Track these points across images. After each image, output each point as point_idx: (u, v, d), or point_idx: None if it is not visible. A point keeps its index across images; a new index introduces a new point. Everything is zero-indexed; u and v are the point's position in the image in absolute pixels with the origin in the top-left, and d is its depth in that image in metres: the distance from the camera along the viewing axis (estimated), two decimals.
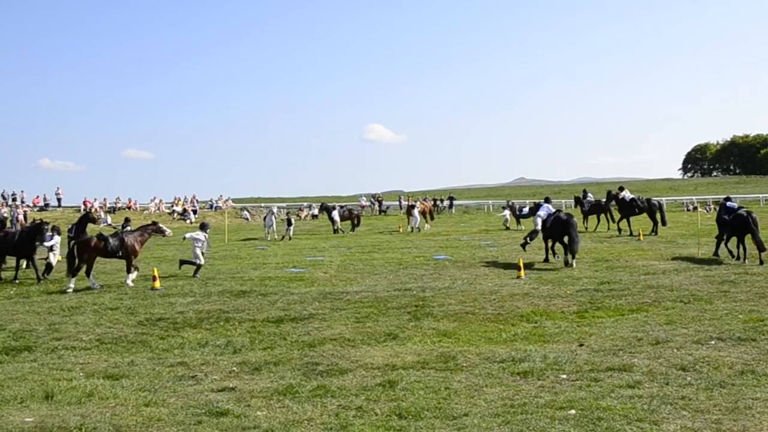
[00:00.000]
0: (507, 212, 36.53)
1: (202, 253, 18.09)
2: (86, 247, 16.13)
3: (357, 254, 22.95)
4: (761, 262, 16.72)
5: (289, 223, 32.54)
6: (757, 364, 7.66)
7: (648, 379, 7.28)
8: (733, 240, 18.15)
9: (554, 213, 19.15)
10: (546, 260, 18.90)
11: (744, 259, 17.35)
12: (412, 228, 34.17)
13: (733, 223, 17.96)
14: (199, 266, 17.72)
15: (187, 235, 18.55)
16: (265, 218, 33.36)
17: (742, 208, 19.24)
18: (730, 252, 18.15)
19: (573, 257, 17.79)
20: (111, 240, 16.29)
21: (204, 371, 8.35)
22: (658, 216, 27.46)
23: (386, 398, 6.93)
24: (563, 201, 55.41)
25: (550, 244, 19.14)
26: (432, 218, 38.79)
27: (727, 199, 20.28)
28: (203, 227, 18.79)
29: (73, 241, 17.76)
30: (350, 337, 10.14)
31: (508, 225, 35.08)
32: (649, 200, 29.13)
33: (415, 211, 34.72)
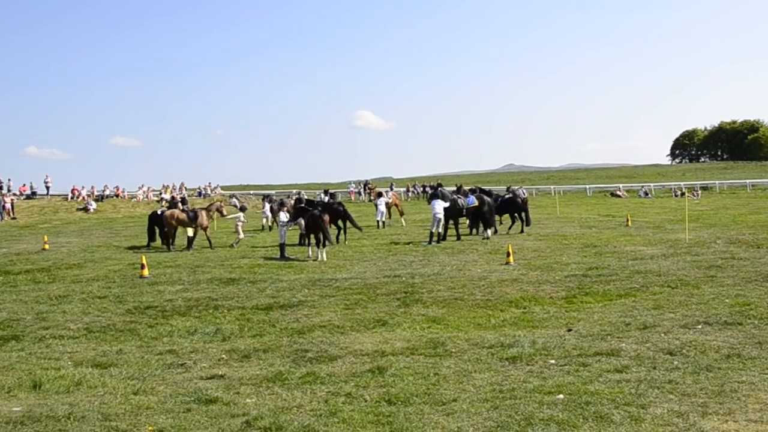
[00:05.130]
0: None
1: None
2: (323, 221, 18.28)
3: (346, 241, 22.89)
4: (522, 231, 23.51)
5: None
6: (743, 348, 7.73)
7: (635, 363, 7.32)
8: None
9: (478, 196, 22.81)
10: (458, 238, 21.83)
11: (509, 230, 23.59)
12: (378, 222, 28.36)
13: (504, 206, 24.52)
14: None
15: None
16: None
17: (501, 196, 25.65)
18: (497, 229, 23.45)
19: (485, 230, 22.57)
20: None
21: (193, 359, 8.34)
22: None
23: (375, 384, 6.94)
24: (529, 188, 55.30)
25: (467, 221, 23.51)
26: (402, 213, 30.85)
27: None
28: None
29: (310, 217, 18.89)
30: (339, 323, 10.15)
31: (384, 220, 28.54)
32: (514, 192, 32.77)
33: (381, 202, 28.91)
